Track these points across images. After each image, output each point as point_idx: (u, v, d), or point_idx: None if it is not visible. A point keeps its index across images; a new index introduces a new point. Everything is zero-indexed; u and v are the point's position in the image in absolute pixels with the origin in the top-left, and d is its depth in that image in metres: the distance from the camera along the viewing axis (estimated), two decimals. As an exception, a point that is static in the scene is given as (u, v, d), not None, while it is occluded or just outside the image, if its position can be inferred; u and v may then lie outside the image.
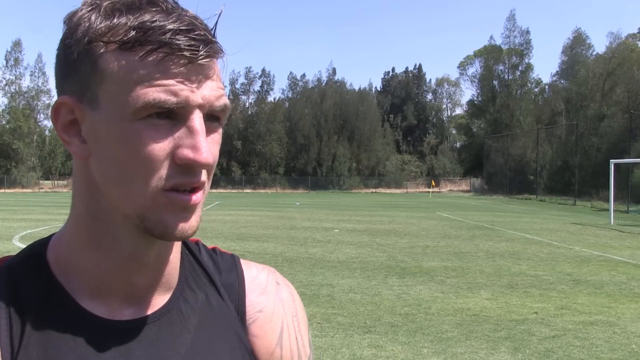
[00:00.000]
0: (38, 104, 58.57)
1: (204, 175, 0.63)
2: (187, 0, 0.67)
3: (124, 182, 0.62)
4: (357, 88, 71.02)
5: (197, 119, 0.61)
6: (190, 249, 0.79)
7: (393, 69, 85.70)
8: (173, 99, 0.59)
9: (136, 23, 0.60)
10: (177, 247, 0.72)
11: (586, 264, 10.53)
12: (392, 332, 5.95)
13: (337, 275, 9.05)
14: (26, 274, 0.68)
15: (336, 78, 69.89)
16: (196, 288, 0.76)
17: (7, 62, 57.38)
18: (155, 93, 0.59)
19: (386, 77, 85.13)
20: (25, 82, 59.00)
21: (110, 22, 0.61)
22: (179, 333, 0.71)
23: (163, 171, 0.61)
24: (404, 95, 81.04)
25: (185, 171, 0.61)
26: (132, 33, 0.60)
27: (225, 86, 0.66)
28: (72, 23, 0.63)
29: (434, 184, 54.69)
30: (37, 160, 57.70)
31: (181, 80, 0.60)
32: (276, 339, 0.80)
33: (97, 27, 0.61)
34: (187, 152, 0.60)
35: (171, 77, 0.59)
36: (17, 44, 57.79)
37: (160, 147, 0.60)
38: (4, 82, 57.46)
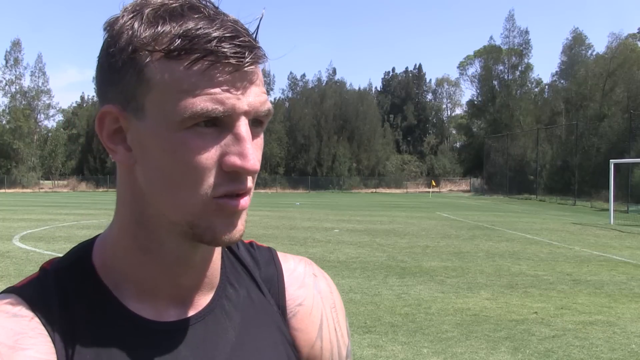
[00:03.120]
0: (38, 104, 58.57)
1: (250, 181, 0.63)
2: (224, 4, 0.67)
3: (171, 191, 0.62)
4: (357, 88, 71.01)
5: (243, 126, 0.61)
6: (229, 246, 0.80)
7: (393, 69, 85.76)
8: (220, 108, 0.59)
9: (181, 31, 0.60)
10: None
11: (586, 264, 10.53)
12: (392, 332, 5.95)
13: (337, 275, 9.05)
14: (74, 278, 0.69)
15: (336, 78, 69.86)
16: (237, 285, 0.77)
17: (6, 62, 57.43)
18: (202, 102, 0.59)
19: (386, 77, 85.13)
20: (26, 82, 58.99)
21: (155, 31, 0.60)
22: (223, 331, 0.73)
23: (211, 179, 0.61)
24: (404, 95, 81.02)
25: (233, 178, 0.62)
26: (178, 41, 0.59)
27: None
28: (114, 31, 0.63)
29: (434, 184, 54.67)
30: (37, 160, 57.68)
31: (227, 88, 0.60)
32: (316, 331, 0.81)
33: (142, 36, 0.61)
34: (234, 160, 0.61)
35: (217, 86, 0.60)
36: (16, 44, 57.82)
37: (208, 156, 0.61)
38: (4, 82, 57.52)
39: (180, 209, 0.63)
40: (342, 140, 63.14)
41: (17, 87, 57.59)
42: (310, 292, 0.83)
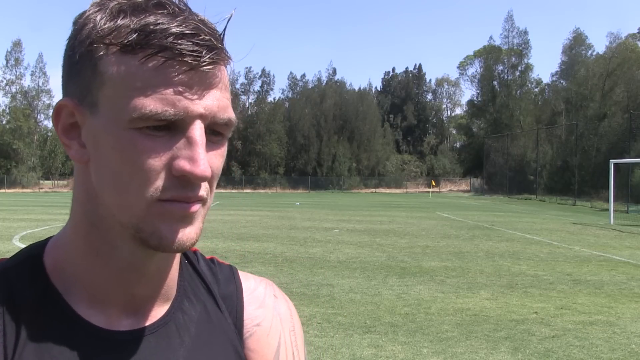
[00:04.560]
0: (38, 104, 58.58)
1: (203, 190, 0.60)
2: (196, 3, 0.65)
3: (119, 191, 0.60)
4: (357, 88, 71.14)
5: (197, 130, 0.58)
6: (189, 259, 0.78)
7: (393, 69, 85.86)
8: (171, 110, 0.56)
9: (139, 25, 0.57)
10: (177, 257, 0.71)
11: (586, 264, 10.53)
12: (392, 332, 5.95)
13: (337, 275, 9.04)
14: (22, 278, 0.65)
15: (336, 78, 69.95)
16: (194, 299, 0.74)
17: (7, 62, 57.44)
18: (152, 103, 0.56)
19: (386, 77, 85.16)
20: (26, 82, 59.03)
21: (114, 24, 0.58)
22: (177, 346, 0.70)
23: (159, 182, 0.58)
24: (404, 95, 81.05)
25: (182, 184, 0.59)
26: (134, 36, 0.57)
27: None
28: (78, 24, 0.62)
29: (434, 184, 54.70)
30: (37, 160, 57.68)
31: (181, 89, 0.57)
32: (273, 354, 0.78)
33: (101, 28, 0.59)
34: (183, 164, 0.58)
35: (171, 85, 0.57)
36: (17, 44, 57.85)
37: (157, 158, 0.58)
38: (4, 82, 57.53)
39: (127, 210, 0.60)
40: (342, 140, 63.16)
41: (18, 87, 57.64)
42: (270, 313, 0.80)
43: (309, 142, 62.74)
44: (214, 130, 0.61)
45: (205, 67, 0.58)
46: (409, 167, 68.24)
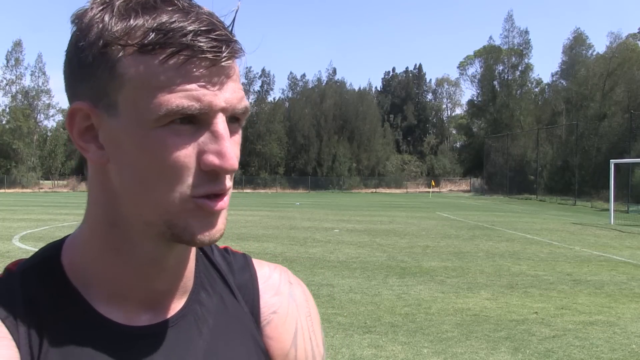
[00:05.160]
0: (38, 104, 58.55)
1: (228, 181, 0.62)
2: None
3: (147, 190, 0.60)
4: (357, 88, 71.02)
5: (221, 123, 0.59)
6: (204, 250, 0.78)
7: (393, 69, 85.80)
8: (196, 105, 0.57)
9: (155, 24, 0.57)
10: (193, 249, 0.71)
11: (586, 264, 10.53)
12: (392, 332, 5.95)
13: (337, 275, 9.05)
14: (41, 279, 0.66)
15: (336, 78, 69.87)
16: (211, 290, 0.75)
17: (7, 62, 57.44)
18: (177, 99, 0.57)
19: (386, 77, 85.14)
20: (26, 82, 59.01)
21: (127, 24, 0.58)
22: (196, 337, 0.70)
23: (190, 178, 0.59)
24: (404, 95, 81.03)
25: (212, 178, 0.60)
26: (152, 35, 0.57)
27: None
28: (82, 24, 0.60)
29: (434, 184, 54.69)
30: (37, 160, 57.66)
31: (204, 83, 0.58)
32: (290, 340, 0.80)
33: (113, 29, 0.58)
34: (212, 159, 0.59)
35: (193, 81, 0.57)
36: (17, 44, 57.81)
37: (186, 154, 0.59)
38: (5, 82, 57.52)
39: (157, 208, 0.60)
40: (342, 140, 63.14)
41: (18, 87, 57.65)
42: (285, 300, 0.81)
43: (309, 142, 62.73)
44: (233, 117, 0.62)
45: (224, 62, 0.59)
46: (409, 167, 68.22)
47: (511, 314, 6.74)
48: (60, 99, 65.61)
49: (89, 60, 0.59)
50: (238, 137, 0.64)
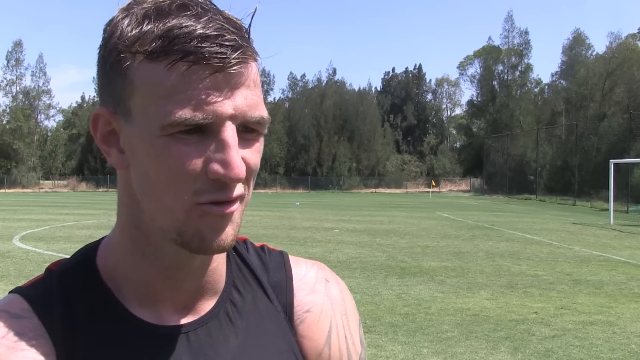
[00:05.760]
0: (39, 104, 58.60)
1: (238, 189, 0.60)
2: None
3: (157, 196, 0.61)
4: (357, 88, 71.02)
5: (228, 132, 0.58)
6: (238, 250, 0.79)
7: (393, 69, 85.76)
8: (199, 115, 0.56)
9: (162, 31, 0.57)
10: None
11: (586, 264, 10.53)
12: (392, 332, 5.95)
13: (337, 275, 9.04)
14: (78, 280, 0.68)
15: (336, 78, 69.90)
16: (243, 290, 0.75)
17: (8, 62, 57.46)
18: (180, 110, 0.56)
19: (386, 77, 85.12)
20: (27, 82, 59.03)
21: (140, 31, 0.58)
22: (226, 337, 0.71)
23: (196, 185, 0.59)
24: (404, 95, 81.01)
25: (218, 186, 0.59)
26: (158, 42, 0.57)
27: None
28: (107, 32, 0.62)
29: (434, 184, 54.66)
30: (37, 160, 57.70)
31: (208, 91, 0.57)
32: (324, 339, 0.79)
33: (127, 37, 0.58)
34: (217, 168, 0.58)
35: (197, 89, 0.56)
36: (18, 44, 57.87)
37: (192, 162, 0.58)
38: (5, 82, 57.54)
39: (167, 215, 0.61)
40: (342, 140, 63.13)
41: (18, 88, 57.66)
42: (320, 298, 0.80)
43: (309, 142, 62.72)
44: (248, 127, 0.61)
45: (232, 68, 0.57)
46: (409, 167, 68.20)
47: (511, 313, 6.74)
48: (60, 99, 65.61)
49: (107, 68, 0.61)
50: (258, 146, 0.63)
